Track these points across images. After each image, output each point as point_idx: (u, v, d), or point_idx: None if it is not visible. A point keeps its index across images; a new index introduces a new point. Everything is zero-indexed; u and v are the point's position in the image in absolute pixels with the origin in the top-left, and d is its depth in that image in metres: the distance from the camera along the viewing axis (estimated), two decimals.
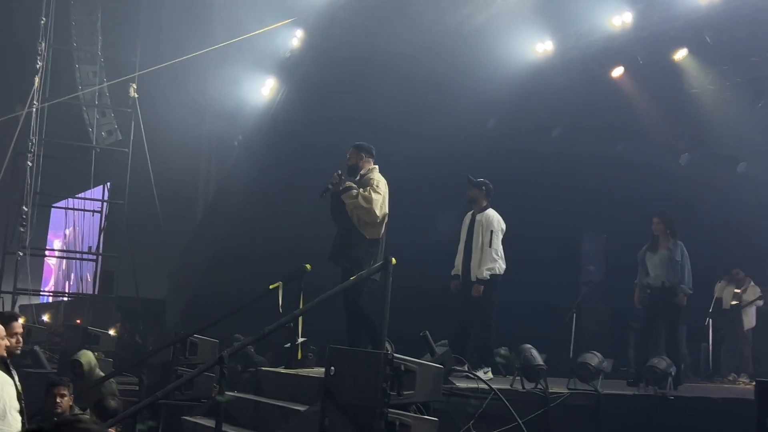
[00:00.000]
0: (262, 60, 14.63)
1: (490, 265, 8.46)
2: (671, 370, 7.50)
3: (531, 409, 6.75)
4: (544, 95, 13.93)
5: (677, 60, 12.46)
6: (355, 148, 7.93)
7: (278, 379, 7.67)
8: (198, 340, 8.19)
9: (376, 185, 7.66)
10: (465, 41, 12.88)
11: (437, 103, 13.41)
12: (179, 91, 15.38)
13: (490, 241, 8.46)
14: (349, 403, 5.56)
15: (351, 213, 7.66)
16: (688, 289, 9.04)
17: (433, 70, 13.16)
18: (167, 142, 15.95)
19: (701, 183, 14.98)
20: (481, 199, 8.73)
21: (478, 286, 8.41)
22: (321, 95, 13.55)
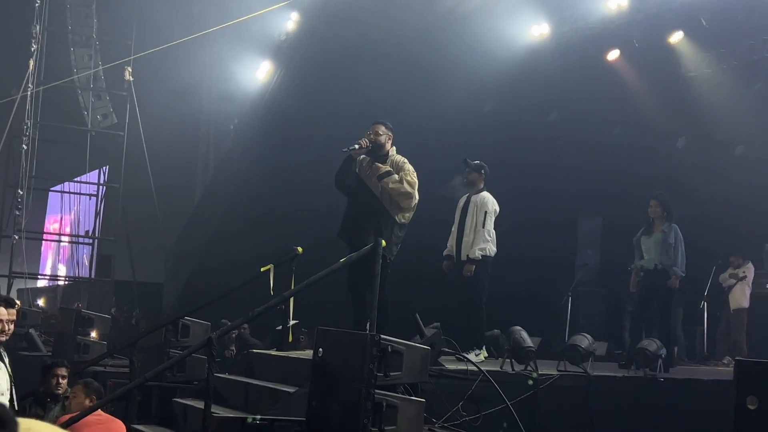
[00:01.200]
0: (257, 43, 14.60)
1: (482, 246, 8.45)
2: (661, 353, 7.51)
3: (520, 391, 6.75)
4: (541, 79, 13.89)
5: (673, 43, 12.42)
6: (386, 126, 7.76)
7: (269, 362, 7.67)
8: (190, 322, 8.21)
9: (413, 171, 7.62)
10: (460, 24, 12.85)
11: (433, 86, 13.39)
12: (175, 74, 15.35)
13: (484, 222, 8.46)
14: (337, 385, 5.56)
15: (383, 194, 7.54)
16: (681, 272, 9.04)
17: (429, 53, 13.13)
18: (163, 125, 15.94)
19: (698, 166, 14.94)
20: (479, 182, 8.74)
21: (470, 266, 8.40)
22: (316, 78, 13.53)
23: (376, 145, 7.62)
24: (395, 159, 7.68)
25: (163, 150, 16.11)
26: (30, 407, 6.43)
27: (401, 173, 7.53)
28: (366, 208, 7.60)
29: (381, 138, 7.65)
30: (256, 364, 7.90)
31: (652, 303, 9.15)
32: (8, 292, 15.13)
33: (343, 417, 5.41)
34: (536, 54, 13.54)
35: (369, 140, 7.61)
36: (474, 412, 6.50)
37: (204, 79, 15.94)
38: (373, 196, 7.58)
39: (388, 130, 7.73)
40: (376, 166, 7.55)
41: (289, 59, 14.18)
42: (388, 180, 7.49)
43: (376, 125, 7.71)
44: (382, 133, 7.67)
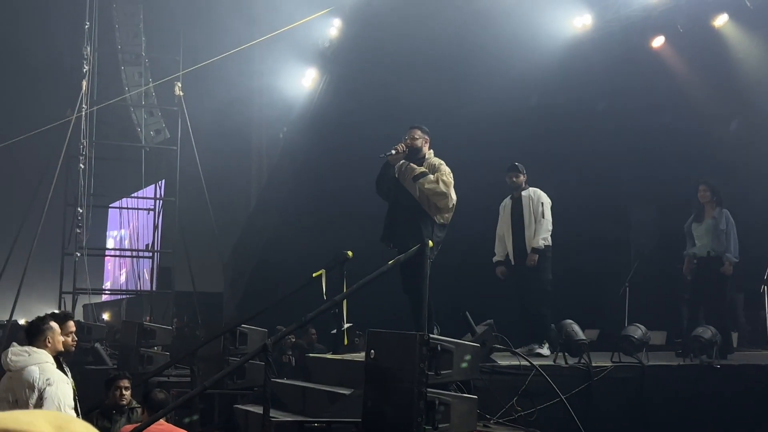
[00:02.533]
0: (302, 51, 14.79)
1: (545, 235, 8.58)
2: (717, 339, 7.45)
3: (575, 384, 6.77)
4: (586, 70, 13.80)
5: (718, 26, 12.25)
6: (422, 130, 7.86)
7: (325, 365, 7.81)
8: (247, 329, 8.37)
9: (449, 172, 7.71)
10: (501, 20, 12.83)
11: (477, 84, 13.41)
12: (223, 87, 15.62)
13: (543, 212, 8.59)
14: (390, 385, 5.66)
15: (421, 196, 7.63)
16: (734, 258, 8.94)
17: (471, 52, 13.15)
18: (215, 138, 16.24)
19: (752, 149, 14.71)
20: (524, 182, 8.88)
21: (533, 255, 8.50)
22: (360, 83, 13.65)
23: (413, 150, 7.73)
24: (432, 162, 7.78)
25: (216, 162, 16.40)
26: (97, 420, 6.64)
27: (437, 173, 7.60)
28: (405, 211, 7.72)
29: (417, 142, 7.76)
30: (313, 368, 8.05)
31: (705, 290, 9.07)
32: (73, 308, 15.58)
33: (398, 416, 5.51)
34: (580, 45, 13.47)
35: (406, 145, 7.71)
36: (528, 406, 6.54)
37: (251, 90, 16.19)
38: (412, 200, 7.68)
39: (424, 134, 7.83)
40: (410, 168, 7.64)
41: (334, 65, 14.34)
42: (423, 181, 7.58)
43: (412, 130, 7.83)
44: (418, 137, 7.77)
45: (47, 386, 5.13)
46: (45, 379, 5.15)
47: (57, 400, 5.16)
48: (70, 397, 5.33)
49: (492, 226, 9.42)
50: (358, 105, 13.69)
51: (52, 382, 5.16)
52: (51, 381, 5.16)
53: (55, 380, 5.24)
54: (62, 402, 5.20)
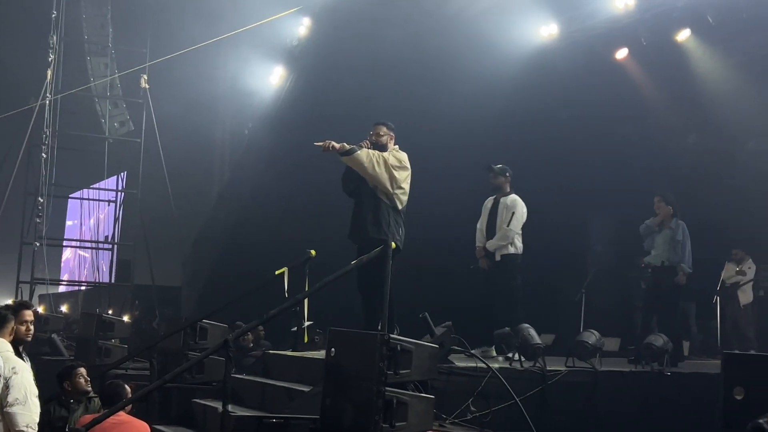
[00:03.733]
0: (270, 49, 14.80)
1: (502, 242, 8.82)
2: (668, 347, 7.64)
3: (529, 387, 6.91)
4: (551, 78, 13.99)
5: (680, 41, 12.51)
6: (387, 127, 7.91)
7: (285, 362, 7.88)
8: (208, 325, 8.41)
9: (396, 158, 7.74)
10: (469, 26, 12.98)
11: (443, 88, 13.51)
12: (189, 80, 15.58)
13: (510, 221, 8.74)
14: (349, 383, 5.74)
15: (377, 187, 7.68)
16: (688, 269, 9.17)
17: (439, 55, 13.27)
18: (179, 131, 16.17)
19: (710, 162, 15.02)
20: (505, 185, 9.06)
21: (485, 260, 8.72)
22: (328, 82, 13.70)
23: (378, 146, 7.78)
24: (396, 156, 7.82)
25: (179, 156, 16.34)
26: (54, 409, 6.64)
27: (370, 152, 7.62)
28: (366, 204, 7.79)
29: (383, 138, 7.84)
30: (273, 365, 8.11)
31: (658, 299, 9.29)
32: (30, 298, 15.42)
33: (355, 414, 5.59)
34: (546, 54, 13.66)
35: (371, 141, 7.78)
36: (484, 408, 6.67)
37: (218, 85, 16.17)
38: (371, 191, 7.77)
39: (389, 130, 7.90)
40: (339, 147, 7.56)
41: (302, 64, 14.37)
42: (349, 158, 7.55)
43: (377, 126, 7.91)
44: (383, 134, 7.86)
45: (13, 374, 5.14)
46: (10, 367, 5.16)
47: (23, 389, 5.18)
48: (34, 385, 5.35)
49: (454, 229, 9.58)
50: (325, 104, 13.73)
51: (18, 371, 5.18)
52: (16, 369, 5.18)
53: (20, 369, 5.25)
54: (28, 390, 5.22)
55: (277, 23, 14.11)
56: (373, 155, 7.62)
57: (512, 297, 8.89)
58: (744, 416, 3.47)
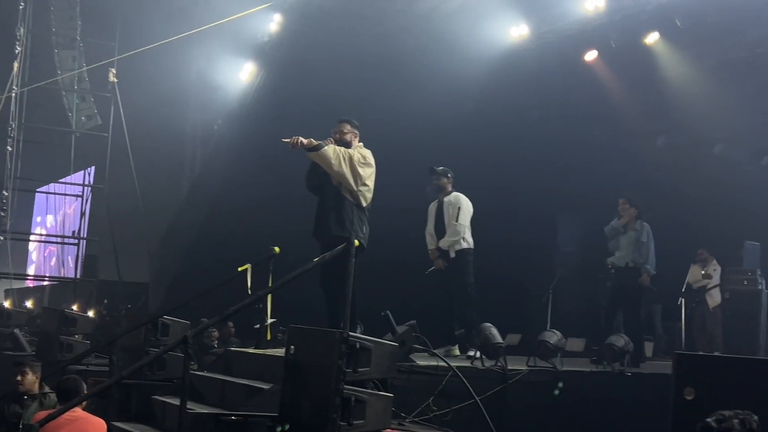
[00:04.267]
0: (241, 44, 14.71)
1: (454, 238, 8.92)
2: (629, 348, 7.68)
3: (490, 386, 6.92)
4: (521, 79, 14.03)
5: (649, 44, 12.58)
6: (349, 124, 7.87)
7: (246, 359, 7.83)
8: (169, 321, 8.32)
9: (361, 154, 7.70)
10: (440, 25, 12.98)
11: (414, 86, 13.51)
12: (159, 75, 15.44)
13: (457, 216, 8.78)
14: (307, 381, 5.72)
15: (341, 184, 7.66)
16: (652, 270, 9.24)
17: (410, 54, 13.26)
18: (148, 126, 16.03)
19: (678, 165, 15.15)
20: (447, 185, 9.12)
21: (439, 261, 8.76)
22: (298, 79, 13.64)
23: (341, 143, 7.75)
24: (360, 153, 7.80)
25: (148, 151, 16.20)
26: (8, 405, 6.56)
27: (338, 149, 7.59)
28: (329, 201, 7.77)
29: (347, 136, 7.81)
30: (235, 362, 8.06)
31: (622, 299, 9.35)
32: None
33: (313, 412, 5.56)
34: (516, 55, 13.69)
35: (335, 139, 7.75)
36: (444, 407, 6.66)
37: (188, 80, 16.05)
38: (335, 188, 7.74)
39: (353, 128, 7.88)
40: (307, 142, 7.52)
41: (272, 60, 14.30)
42: (315, 154, 7.51)
43: (341, 123, 7.88)
44: (347, 131, 7.83)
45: None
46: None
47: None
48: None
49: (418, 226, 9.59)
50: (295, 100, 13.67)
51: None
52: None
53: None
54: None
55: (248, 19, 14.02)
56: (340, 152, 7.60)
57: (467, 293, 8.91)
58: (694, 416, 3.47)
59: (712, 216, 14.81)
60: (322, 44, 13.21)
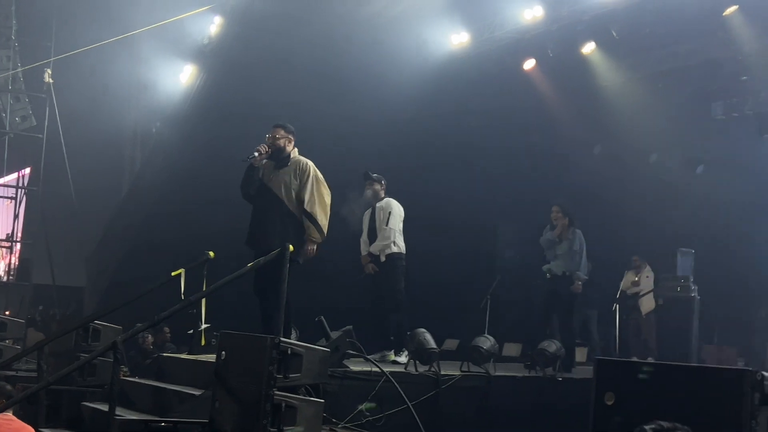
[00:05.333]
0: (181, 47, 14.57)
1: (385, 242, 8.97)
2: (561, 353, 7.78)
3: (423, 392, 6.95)
4: (461, 86, 14.16)
5: (586, 53, 12.79)
6: (283, 129, 7.76)
7: (179, 365, 7.76)
8: (101, 326, 8.18)
9: (320, 179, 7.67)
10: (382, 32, 13.02)
11: (355, 91, 13.51)
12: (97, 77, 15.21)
13: (387, 221, 8.84)
14: (238, 387, 5.69)
15: (287, 197, 7.61)
16: (584, 276, 9.39)
17: (351, 59, 13.26)
18: (85, 128, 15.76)
19: (614, 173, 15.41)
20: (380, 191, 9.19)
21: (368, 265, 8.84)
22: (239, 82, 13.54)
23: (276, 149, 7.67)
24: (299, 161, 7.73)
25: (85, 153, 15.92)
26: None
27: (310, 188, 7.58)
28: (271, 212, 7.65)
29: (280, 141, 7.68)
30: (167, 367, 7.97)
31: (556, 306, 9.47)
32: None
33: (244, 418, 5.53)
34: (456, 62, 13.83)
35: (268, 145, 7.68)
36: (377, 412, 6.67)
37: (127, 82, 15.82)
38: (277, 199, 7.64)
39: (288, 133, 7.76)
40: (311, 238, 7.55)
41: (212, 63, 14.17)
42: (313, 231, 7.55)
43: (275, 128, 7.76)
44: (280, 137, 7.69)
45: None
46: None
47: None
48: None
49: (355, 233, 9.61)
50: (235, 103, 13.55)
51: None
52: None
53: None
54: None
55: (188, 21, 13.93)
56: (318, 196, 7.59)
57: (396, 299, 8.93)
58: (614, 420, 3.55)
59: (647, 223, 15.09)
60: (263, 48, 13.13)
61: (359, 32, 13.06)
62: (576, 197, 14.00)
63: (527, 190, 14.94)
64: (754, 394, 3.16)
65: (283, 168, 7.70)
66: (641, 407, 3.50)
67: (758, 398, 3.17)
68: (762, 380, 3.18)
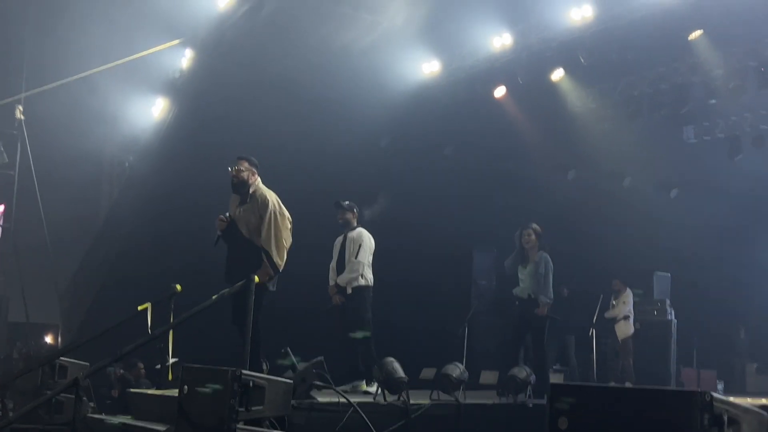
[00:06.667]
0: (151, 81, 14.55)
1: (352, 275, 9.00)
2: (530, 379, 7.74)
3: (392, 421, 6.88)
4: (434, 114, 14.23)
5: (555, 80, 12.87)
6: (247, 162, 7.83)
7: (146, 401, 7.65)
8: (68, 363, 8.10)
9: (281, 211, 7.70)
10: (354, 62, 13.05)
11: (328, 122, 13.54)
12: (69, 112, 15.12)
13: (357, 253, 8.83)
14: (201, 421, 5.62)
15: (252, 236, 7.69)
16: (547, 299, 9.40)
17: (323, 90, 13.30)
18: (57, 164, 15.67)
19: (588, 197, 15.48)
20: (353, 220, 9.19)
21: (336, 296, 8.89)
22: (211, 115, 13.53)
23: (239, 182, 7.76)
24: (259, 194, 7.78)
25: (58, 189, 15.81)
26: None
27: (267, 224, 7.62)
28: (240, 250, 7.77)
29: (243, 174, 7.78)
30: (135, 403, 7.86)
31: (526, 330, 9.45)
32: None
33: None
34: (428, 90, 13.90)
35: (231, 175, 7.77)
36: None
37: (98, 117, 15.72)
38: (245, 239, 7.76)
39: (251, 165, 7.86)
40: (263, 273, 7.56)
41: (183, 96, 14.16)
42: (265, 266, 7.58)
43: (239, 160, 7.86)
44: (244, 169, 7.80)
45: None
46: None
47: None
48: None
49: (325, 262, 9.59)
50: (206, 136, 13.54)
51: None
52: None
53: None
54: None
55: (158, 55, 13.92)
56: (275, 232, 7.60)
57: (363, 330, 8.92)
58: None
59: (623, 247, 15.16)
60: (235, 80, 13.14)
61: (331, 64, 13.09)
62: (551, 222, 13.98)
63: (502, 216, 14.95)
64: (703, 415, 3.13)
65: (245, 205, 7.81)
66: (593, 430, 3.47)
67: (708, 419, 3.14)
68: (711, 401, 3.15)
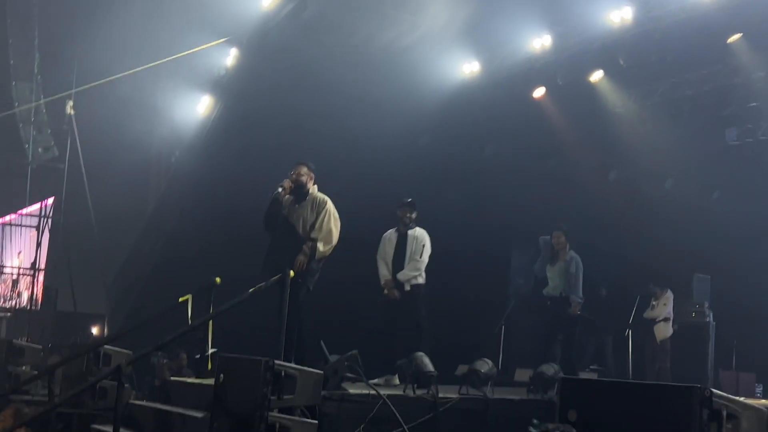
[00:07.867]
0: (197, 78, 14.87)
1: (414, 273, 9.28)
2: (558, 376, 7.86)
3: (420, 414, 7.07)
4: (474, 114, 14.34)
5: (594, 81, 12.92)
6: (307, 166, 8.33)
7: (186, 389, 7.94)
8: (111, 351, 8.40)
9: (334, 213, 8.12)
10: (396, 61, 13.22)
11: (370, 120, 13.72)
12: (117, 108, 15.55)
13: (421, 253, 9.05)
14: (235, 408, 5.86)
15: (303, 231, 8.05)
16: (579, 299, 9.51)
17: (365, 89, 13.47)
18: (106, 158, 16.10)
19: (628, 199, 15.48)
20: (414, 218, 9.38)
21: (393, 291, 9.03)
22: (255, 112, 13.80)
23: (298, 185, 8.18)
24: (316, 197, 8.22)
25: (106, 182, 16.25)
26: None
27: (321, 220, 8.01)
28: (286, 243, 8.08)
29: (302, 178, 8.25)
30: (174, 391, 8.16)
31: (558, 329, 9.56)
32: None
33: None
34: (468, 90, 13.97)
35: (292, 180, 8.11)
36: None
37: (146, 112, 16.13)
38: (294, 232, 8.10)
39: (309, 170, 8.32)
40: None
41: (228, 94, 14.46)
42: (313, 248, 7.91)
43: (298, 166, 8.30)
44: (303, 174, 8.27)
45: None
46: None
47: None
48: None
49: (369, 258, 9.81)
50: (252, 134, 13.83)
51: None
52: None
53: None
54: None
55: (204, 53, 14.22)
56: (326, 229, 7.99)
57: (420, 326, 9.17)
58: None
59: (663, 249, 15.13)
60: (279, 79, 13.39)
61: (374, 62, 13.27)
62: (591, 223, 14.10)
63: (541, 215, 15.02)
64: (702, 410, 3.27)
65: (302, 202, 8.21)
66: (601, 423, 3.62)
67: (707, 414, 3.28)
68: (710, 396, 3.29)
